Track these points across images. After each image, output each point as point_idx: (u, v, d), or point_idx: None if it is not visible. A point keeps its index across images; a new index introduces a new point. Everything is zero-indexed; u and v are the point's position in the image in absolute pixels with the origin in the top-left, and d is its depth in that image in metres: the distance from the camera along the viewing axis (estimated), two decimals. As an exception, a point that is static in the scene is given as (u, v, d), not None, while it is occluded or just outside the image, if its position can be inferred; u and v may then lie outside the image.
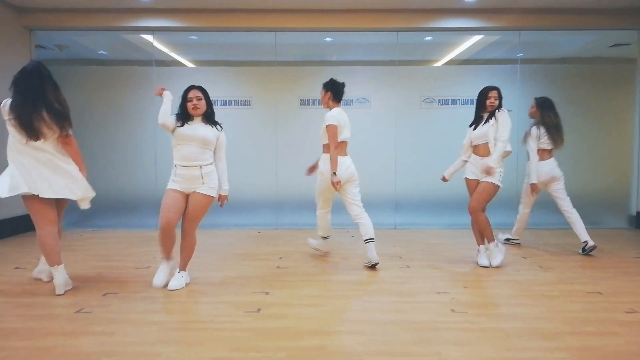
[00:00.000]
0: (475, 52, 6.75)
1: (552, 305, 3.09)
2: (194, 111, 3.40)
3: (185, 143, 3.37)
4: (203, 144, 3.39)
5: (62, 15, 5.89)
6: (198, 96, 3.43)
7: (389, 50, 6.36)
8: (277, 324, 2.76)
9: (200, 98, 3.43)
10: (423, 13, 5.89)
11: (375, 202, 6.27)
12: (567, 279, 3.74)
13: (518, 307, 3.05)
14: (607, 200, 6.38)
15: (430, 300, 3.18)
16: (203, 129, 3.42)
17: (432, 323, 2.77)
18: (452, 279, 3.74)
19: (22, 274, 3.93)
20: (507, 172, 4.35)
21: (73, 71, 6.39)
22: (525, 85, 6.22)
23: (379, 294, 3.35)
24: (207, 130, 3.42)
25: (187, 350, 2.39)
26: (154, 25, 5.97)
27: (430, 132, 6.29)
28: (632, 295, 3.30)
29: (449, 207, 6.24)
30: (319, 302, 3.16)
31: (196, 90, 3.46)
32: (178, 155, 3.41)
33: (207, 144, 3.41)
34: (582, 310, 3.00)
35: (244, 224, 6.23)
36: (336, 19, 5.93)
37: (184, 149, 3.37)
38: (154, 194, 6.30)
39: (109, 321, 2.80)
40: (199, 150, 3.38)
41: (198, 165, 3.38)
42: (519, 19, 5.88)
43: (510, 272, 3.98)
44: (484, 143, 4.13)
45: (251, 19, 5.93)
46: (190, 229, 3.51)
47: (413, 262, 4.33)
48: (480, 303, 3.14)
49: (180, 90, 6.21)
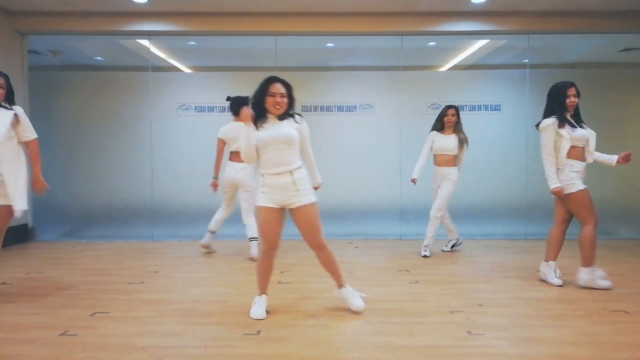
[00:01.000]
0: (481, 56, 6.56)
1: (577, 327, 2.84)
2: (275, 109, 2.93)
3: (268, 149, 2.92)
4: (287, 145, 2.91)
5: (55, 19, 5.70)
6: (282, 93, 2.93)
7: (394, 55, 6.15)
8: (279, 349, 2.52)
9: (284, 95, 2.93)
10: (428, 16, 5.70)
11: (380, 212, 6.07)
12: (587, 296, 3.49)
13: (541, 329, 2.81)
14: (622, 210, 6.15)
15: (443, 321, 2.94)
16: (281, 127, 2.92)
17: (448, 348, 2.53)
18: (465, 296, 3.50)
19: (7, 290, 3.68)
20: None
21: (68, 77, 6.18)
22: (534, 91, 6.01)
23: (388, 313, 3.11)
24: (287, 128, 2.93)
25: (179, 382, 2.15)
26: (151, 29, 5.78)
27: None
28: (662, 315, 3.07)
29: (456, 216, 6.00)
30: (323, 323, 2.91)
31: (280, 85, 2.95)
32: (261, 162, 2.96)
33: (291, 144, 2.92)
34: (611, 332, 2.76)
35: (243, 235, 5.97)
36: (338, 22, 5.73)
37: (266, 155, 2.93)
38: (151, 203, 6.09)
39: (95, 346, 2.55)
40: (284, 152, 2.90)
41: (288, 171, 2.92)
42: (527, 22, 5.69)
43: (527, 287, 3.74)
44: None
45: (251, 23, 5.74)
46: (316, 243, 3.06)
47: (422, 276, 4.09)
48: (498, 324, 2.90)
49: (178, 97, 6.01)
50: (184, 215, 6.08)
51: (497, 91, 6.10)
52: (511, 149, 6.05)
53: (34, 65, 6.15)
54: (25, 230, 5.91)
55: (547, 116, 3.76)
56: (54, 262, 4.73)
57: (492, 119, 6.07)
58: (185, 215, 6.07)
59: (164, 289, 3.71)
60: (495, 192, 6.08)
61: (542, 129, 3.73)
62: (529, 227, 6.03)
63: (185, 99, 6.05)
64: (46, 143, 6.01)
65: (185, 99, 6.05)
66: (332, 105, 6.11)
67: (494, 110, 6.06)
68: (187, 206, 6.07)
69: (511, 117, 6.06)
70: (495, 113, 6.06)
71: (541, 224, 5.95)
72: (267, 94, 2.92)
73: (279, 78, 2.98)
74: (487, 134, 6.04)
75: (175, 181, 6.03)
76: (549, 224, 3.97)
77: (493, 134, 6.06)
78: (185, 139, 6.04)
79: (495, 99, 6.07)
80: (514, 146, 6.04)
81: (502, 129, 6.07)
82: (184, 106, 6.05)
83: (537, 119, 6.10)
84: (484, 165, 6.03)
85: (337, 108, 6.10)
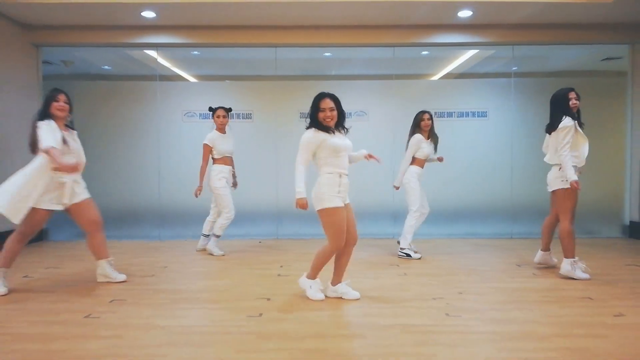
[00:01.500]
0: (470, 66, 6.94)
1: (545, 311, 3.20)
2: (326, 122, 3.27)
3: (341, 154, 3.29)
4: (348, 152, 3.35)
5: (68, 32, 6.07)
6: (331, 107, 3.27)
7: (386, 65, 6.54)
8: (278, 327, 2.87)
9: (333, 109, 3.27)
10: (418, 29, 6.08)
11: (374, 213, 6.43)
12: (560, 285, 3.86)
13: (512, 312, 3.17)
14: (601, 210, 6.51)
15: (425, 306, 3.29)
16: (344, 138, 3.36)
17: (427, 326, 2.88)
18: (447, 286, 3.85)
19: (29, 282, 4.04)
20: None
21: (79, 86, 6.55)
22: (519, 98, 6.39)
23: (376, 300, 3.46)
24: (347, 140, 3.37)
25: (193, 352, 2.50)
26: (158, 41, 6.16)
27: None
28: (621, 300, 3.42)
29: (445, 217, 6.38)
30: (319, 307, 3.27)
31: (329, 99, 3.28)
32: (340, 164, 3.29)
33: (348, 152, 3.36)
34: (572, 314, 3.11)
35: (245, 235, 6.34)
36: (334, 34, 6.11)
37: (342, 160, 3.30)
38: (158, 205, 6.44)
39: (117, 326, 2.91)
40: (346, 158, 3.34)
41: (346, 174, 3.34)
42: (511, 34, 6.07)
43: (505, 279, 4.10)
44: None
45: (252, 35, 6.12)
46: (355, 237, 3.44)
47: (410, 270, 4.45)
48: (474, 308, 3.25)
49: (184, 105, 6.39)
50: (188, 217, 6.43)
51: (484, 98, 6.49)
52: (497, 154, 6.43)
53: (46, 75, 6.51)
54: (40, 230, 6.25)
55: (556, 120, 4.06)
56: (69, 258, 5.09)
57: (479, 125, 6.46)
58: (190, 217, 6.41)
59: (174, 281, 4.06)
60: (482, 194, 6.45)
61: (562, 129, 3.97)
62: (515, 227, 6.39)
63: (190, 107, 6.44)
64: (59, 148, 6.39)
65: (190, 107, 6.44)
66: (329, 112, 6.47)
67: (480, 116, 6.44)
68: (191, 208, 6.41)
69: (497, 123, 6.44)
70: (481, 119, 6.44)
71: (526, 223, 6.35)
72: (318, 110, 3.26)
73: (328, 93, 3.31)
74: (474, 139, 6.42)
75: (181, 184, 6.38)
76: (533, 224, 4.32)
77: (480, 139, 6.44)
78: (190, 144, 6.39)
79: (481, 106, 6.45)
80: (500, 151, 6.42)
81: (489, 134, 6.45)
82: (189, 113, 6.43)
83: (522, 125, 6.50)
84: (472, 169, 6.41)
85: (333, 115, 6.46)
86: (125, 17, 5.75)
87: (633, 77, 6.34)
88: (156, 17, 5.72)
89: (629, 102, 6.39)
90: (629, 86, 6.39)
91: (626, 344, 2.61)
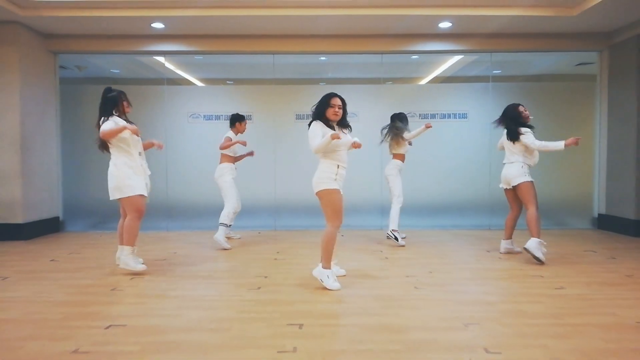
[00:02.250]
0: (454, 71, 7.51)
1: (498, 285, 3.79)
2: (334, 117, 3.71)
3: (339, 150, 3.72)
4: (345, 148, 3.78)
5: (84, 41, 6.64)
6: (339, 105, 3.72)
7: (375, 70, 7.12)
8: (273, 296, 3.47)
9: (340, 107, 3.73)
10: (403, 38, 6.65)
11: (363, 206, 7.02)
12: (518, 266, 4.44)
13: (470, 286, 3.76)
14: (572, 203, 7.10)
15: (398, 282, 3.88)
16: (345, 135, 3.78)
17: (396, 295, 3.47)
18: (421, 267, 4.44)
19: (58, 264, 4.63)
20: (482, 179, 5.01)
21: (92, 89, 7.12)
22: (496, 101, 6.96)
23: (359, 277, 4.04)
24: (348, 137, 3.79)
25: (202, 313, 3.09)
26: (166, 49, 6.73)
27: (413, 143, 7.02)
28: (567, 277, 4.00)
29: (428, 210, 6.98)
30: (309, 282, 3.85)
31: (338, 98, 3.74)
32: (339, 157, 3.72)
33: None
34: (521, 287, 3.70)
35: (245, 226, 6.92)
36: (327, 43, 6.69)
37: (342, 154, 3.73)
38: (165, 200, 7.03)
39: (139, 295, 3.50)
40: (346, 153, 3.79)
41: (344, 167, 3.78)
42: (488, 42, 6.63)
43: (472, 262, 4.69)
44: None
45: (252, 44, 6.69)
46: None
47: (391, 255, 5.04)
48: (438, 283, 3.84)
49: (189, 107, 6.96)
50: (194, 210, 7.02)
51: (464, 101, 7.07)
52: (476, 152, 7.01)
53: (61, 78, 7.06)
54: (57, 222, 6.85)
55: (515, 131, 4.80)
56: (89, 245, 5.68)
57: (460, 126, 7.04)
58: (195, 210, 7.02)
59: (184, 264, 4.65)
60: (462, 189, 7.04)
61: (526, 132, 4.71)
62: (493, 219, 6.96)
63: (195, 109, 7.03)
64: (74, 146, 6.99)
65: (195, 109, 7.03)
66: (323, 113, 7.06)
67: (461, 118, 7.02)
68: (196, 202, 7.02)
69: (476, 124, 7.02)
70: (462, 120, 7.03)
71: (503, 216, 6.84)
72: (328, 106, 3.72)
73: (337, 94, 3.78)
74: (455, 138, 7.01)
75: (187, 181, 6.98)
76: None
77: (460, 139, 7.03)
78: (195, 144, 6.99)
79: (462, 108, 7.04)
80: (479, 149, 7.00)
81: (468, 134, 7.04)
82: (194, 115, 7.02)
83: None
84: (453, 166, 7.00)
85: (326, 116, 7.05)
86: (136, 28, 6.31)
87: (601, 81, 6.92)
88: (164, 27, 6.29)
89: (598, 104, 6.96)
90: (598, 89, 6.96)
91: (556, 307, 3.20)
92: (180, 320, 2.96)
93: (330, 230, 3.70)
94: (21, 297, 3.49)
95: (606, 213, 6.79)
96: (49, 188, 6.65)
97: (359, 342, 2.60)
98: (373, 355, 2.43)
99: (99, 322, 2.93)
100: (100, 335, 2.71)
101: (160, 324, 2.89)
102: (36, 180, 6.33)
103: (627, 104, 6.37)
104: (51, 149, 6.73)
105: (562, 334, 2.71)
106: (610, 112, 6.73)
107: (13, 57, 6.00)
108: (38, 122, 6.41)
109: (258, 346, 2.55)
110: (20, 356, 2.44)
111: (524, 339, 2.65)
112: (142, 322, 2.93)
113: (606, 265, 4.51)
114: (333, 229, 3.71)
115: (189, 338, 2.67)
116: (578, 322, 2.91)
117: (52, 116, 6.79)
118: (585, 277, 4.04)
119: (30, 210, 6.20)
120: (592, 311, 3.13)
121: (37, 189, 6.37)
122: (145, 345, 2.56)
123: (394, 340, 2.63)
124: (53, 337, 2.70)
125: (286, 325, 2.86)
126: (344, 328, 2.85)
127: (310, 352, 2.46)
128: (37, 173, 6.36)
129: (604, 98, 6.86)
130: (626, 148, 6.38)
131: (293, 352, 2.46)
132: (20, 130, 6.02)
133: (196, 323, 2.91)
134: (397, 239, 5.51)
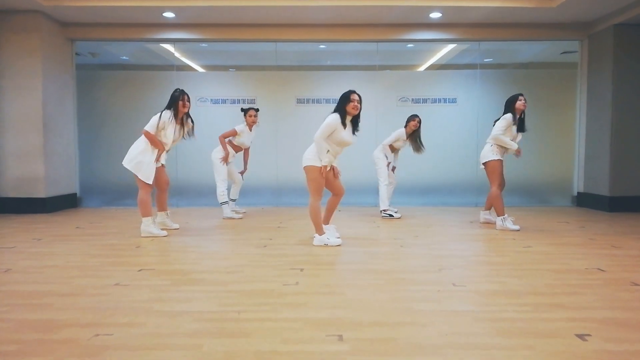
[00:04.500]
0: (447, 59, 7.99)
1: (473, 244, 4.34)
2: (354, 111, 4.11)
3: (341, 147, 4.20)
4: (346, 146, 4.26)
5: (99, 29, 7.13)
6: (358, 99, 4.12)
7: (370, 57, 7.61)
8: (278, 251, 4.01)
9: (359, 101, 4.13)
10: (397, 27, 7.14)
11: (358, 186, 7.55)
12: (495, 234, 4.98)
13: (447, 245, 4.30)
14: (554, 183, 7.64)
15: (386, 243, 4.43)
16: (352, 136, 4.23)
17: (383, 253, 4.01)
18: (409, 233, 4.97)
19: (83, 231, 5.16)
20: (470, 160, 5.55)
21: (105, 75, 7.63)
22: (484, 87, 7.48)
23: (352, 239, 4.58)
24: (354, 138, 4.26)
25: (218, 262, 3.63)
26: (176, 37, 7.21)
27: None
28: (536, 240, 4.54)
29: (419, 189, 7.51)
30: (309, 243, 4.38)
31: (356, 94, 4.14)
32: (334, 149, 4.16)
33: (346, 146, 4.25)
34: (493, 247, 4.25)
35: (249, 203, 7.46)
36: (325, 32, 7.17)
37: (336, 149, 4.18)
38: (175, 179, 7.55)
39: (160, 250, 4.04)
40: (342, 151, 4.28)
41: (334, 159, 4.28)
42: (475, 32, 7.12)
43: (454, 229, 5.23)
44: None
45: (256, 32, 7.18)
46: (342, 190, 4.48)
47: (383, 224, 5.58)
48: (423, 244, 4.38)
49: (197, 91, 7.45)
50: (201, 189, 7.55)
51: (454, 87, 7.58)
52: (464, 134, 7.53)
53: (76, 65, 7.55)
54: (74, 198, 7.39)
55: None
56: (108, 218, 6.21)
57: (449, 110, 7.56)
58: (202, 189, 7.54)
59: (196, 229, 5.18)
60: (451, 169, 7.58)
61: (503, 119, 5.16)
62: (480, 197, 7.50)
63: (203, 93, 7.53)
64: (90, 128, 7.49)
65: (203, 93, 7.53)
66: (322, 98, 7.58)
67: (451, 102, 7.53)
68: (203, 181, 7.54)
69: (465, 108, 7.54)
70: (452, 105, 7.54)
71: (489, 194, 7.47)
72: (349, 100, 4.13)
73: (356, 91, 4.20)
74: (445, 122, 7.53)
75: (195, 161, 7.50)
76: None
77: (450, 122, 7.54)
78: (203, 126, 7.48)
79: (452, 94, 7.55)
80: (467, 132, 7.52)
81: (457, 118, 7.55)
82: (202, 99, 7.52)
83: (486, 109, 7.60)
84: (443, 148, 7.53)
85: (325, 101, 7.56)
86: (148, 17, 6.79)
87: (581, 69, 7.42)
88: (175, 17, 6.77)
89: (578, 90, 7.47)
90: (579, 76, 7.46)
91: (520, 259, 3.74)
92: (200, 266, 3.51)
93: (313, 202, 4.22)
94: (59, 252, 4.03)
95: (584, 191, 7.33)
96: (67, 166, 7.18)
97: (350, 279, 3.15)
98: (361, 287, 2.97)
99: (131, 267, 3.47)
100: (136, 274, 3.25)
101: (183, 269, 3.43)
102: (56, 158, 6.85)
103: (604, 91, 6.87)
104: (69, 131, 7.24)
105: (519, 275, 3.25)
106: (590, 98, 7.23)
107: (35, 43, 6.49)
108: (58, 105, 6.91)
109: (267, 281, 3.10)
110: (73, 287, 2.98)
111: (487, 277, 3.19)
112: (168, 267, 3.48)
113: (574, 232, 5.06)
114: (314, 201, 4.22)
115: (209, 277, 3.21)
116: (535, 268, 3.46)
117: (70, 100, 7.30)
118: (551, 239, 4.58)
119: (51, 186, 6.73)
120: (549, 261, 3.68)
121: (57, 167, 6.89)
122: (174, 281, 3.10)
123: (379, 278, 3.17)
124: (96, 276, 3.24)
125: (289, 269, 3.40)
126: (338, 271, 3.39)
127: (309, 285, 3.01)
128: (57, 152, 6.87)
129: (584, 85, 7.36)
130: (603, 132, 6.90)
131: (295, 285, 3.01)
132: (42, 112, 6.53)
133: (213, 268, 3.46)
134: (391, 215, 6.04)
